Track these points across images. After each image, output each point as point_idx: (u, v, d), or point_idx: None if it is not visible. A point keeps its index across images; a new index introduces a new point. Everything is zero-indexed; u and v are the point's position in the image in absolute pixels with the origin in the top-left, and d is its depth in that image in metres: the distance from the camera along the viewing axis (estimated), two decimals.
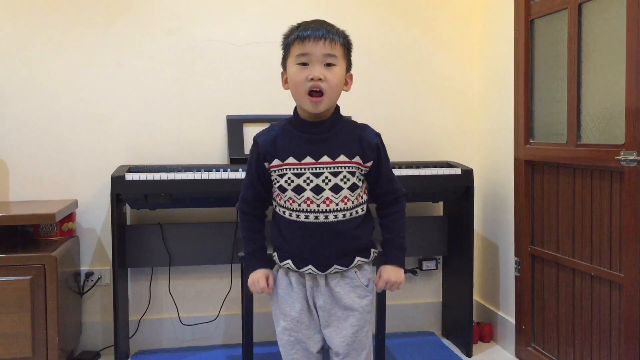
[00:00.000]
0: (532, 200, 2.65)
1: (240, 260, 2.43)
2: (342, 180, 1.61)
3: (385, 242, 1.72)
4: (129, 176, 2.50)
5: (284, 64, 1.66)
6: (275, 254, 1.72)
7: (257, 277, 1.70)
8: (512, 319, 2.81)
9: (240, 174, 2.56)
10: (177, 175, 2.53)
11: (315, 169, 1.60)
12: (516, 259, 2.73)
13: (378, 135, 1.69)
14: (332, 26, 1.63)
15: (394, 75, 3.08)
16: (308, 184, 1.60)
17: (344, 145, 1.62)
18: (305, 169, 1.60)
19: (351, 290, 1.67)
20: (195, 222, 2.89)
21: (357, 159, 1.62)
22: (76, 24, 2.80)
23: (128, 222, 2.85)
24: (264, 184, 1.68)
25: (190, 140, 2.91)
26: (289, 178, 1.61)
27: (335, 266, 1.64)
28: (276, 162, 1.62)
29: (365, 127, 1.69)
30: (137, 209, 2.78)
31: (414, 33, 3.09)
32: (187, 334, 2.95)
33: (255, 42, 2.95)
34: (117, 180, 2.50)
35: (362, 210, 1.68)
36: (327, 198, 1.60)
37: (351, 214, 1.64)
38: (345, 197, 1.62)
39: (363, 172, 1.65)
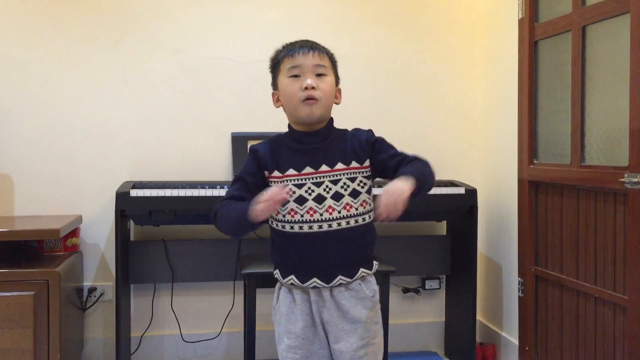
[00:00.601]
0: (536, 221, 2.64)
1: (242, 277, 2.43)
2: (342, 187, 1.61)
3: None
4: (134, 192, 2.51)
5: (274, 83, 1.69)
6: (277, 271, 1.70)
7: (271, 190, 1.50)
8: (515, 340, 2.79)
9: None
10: (182, 192, 2.54)
11: (316, 179, 1.61)
12: (520, 279, 2.72)
13: (369, 130, 1.69)
14: (317, 43, 1.67)
15: (399, 94, 3.10)
16: (310, 194, 1.60)
17: (340, 152, 1.63)
18: (306, 179, 1.61)
19: (357, 302, 1.65)
20: (199, 238, 2.89)
21: (353, 163, 1.63)
22: (84, 42, 2.83)
23: (132, 238, 2.86)
24: (253, 192, 1.59)
25: (195, 156, 2.92)
26: (290, 189, 1.60)
27: (340, 277, 1.62)
28: (276, 173, 1.63)
29: (356, 130, 1.70)
30: (141, 225, 2.78)
31: (419, 53, 3.11)
32: (188, 351, 2.94)
33: (260, 60, 2.92)
34: (122, 197, 2.50)
35: (366, 219, 1.66)
36: (330, 206, 1.60)
37: (356, 221, 1.63)
38: (348, 204, 1.61)
39: (366, 175, 1.65)
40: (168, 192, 2.53)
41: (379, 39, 3.07)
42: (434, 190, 2.72)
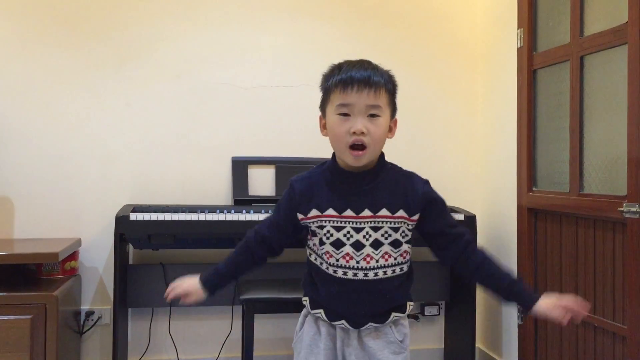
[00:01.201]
0: (535, 248, 2.64)
1: (241, 302, 2.42)
2: (382, 235, 1.49)
3: (504, 288, 1.54)
4: (133, 216, 2.51)
5: (322, 108, 1.52)
6: (306, 299, 1.62)
7: (185, 282, 1.60)
8: None
9: (244, 216, 2.57)
10: (181, 216, 2.54)
11: (357, 223, 1.48)
12: (519, 306, 2.71)
13: (426, 182, 1.56)
14: (377, 69, 1.50)
15: (399, 121, 3.10)
16: (348, 239, 1.48)
17: (387, 197, 1.49)
18: (345, 223, 1.48)
19: (385, 346, 1.56)
20: (198, 262, 2.89)
21: (400, 212, 1.49)
22: (87, 66, 2.86)
23: (130, 262, 2.85)
24: (286, 232, 1.57)
25: (195, 180, 2.93)
26: (328, 231, 1.49)
27: (370, 324, 1.55)
28: (314, 212, 1.50)
29: (411, 175, 1.57)
30: (140, 249, 2.78)
31: (419, 81, 3.13)
32: None
33: (261, 85, 3.00)
34: (122, 220, 2.50)
35: (404, 269, 1.57)
36: (368, 255, 1.48)
37: (393, 271, 1.52)
38: (386, 252, 1.50)
39: (410, 227, 1.52)
40: (168, 216, 2.53)
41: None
42: None
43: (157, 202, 2.85)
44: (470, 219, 2.77)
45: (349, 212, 1.48)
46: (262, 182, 2.95)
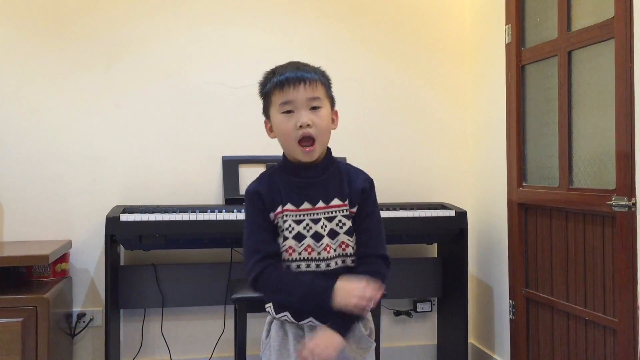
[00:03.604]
0: (525, 243, 2.66)
1: (233, 302, 2.41)
2: (337, 225, 1.53)
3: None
4: (124, 217, 2.50)
5: (266, 113, 1.58)
6: (269, 305, 1.62)
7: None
8: None
9: (235, 215, 2.56)
10: (172, 216, 2.53)
11: (313, 215, 1.53)
12: (511, 301, 2.72)
13: (369, 181, 1.60)
14: (308, 66, 1.56)
15: (389, 119, 3.12)
16: (308, 231, 1.53)
17: (336, 187, 1.55)
18: (304, 215, 1.53)
19: (353, 342, 1.57)
20: (189, 262, 2.88)
21: (347, 201, 1.54)
22: (75, 66, 2.84)
23: (122, 263, 2.84)
24: (275, 236, 1.56)
25: (186, 180, 2.92)
26: (289, 225, 1.53)
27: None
28: (279, 209, 1.54)
29: (357, 171, 1.61)
30: (131, 250, 2.77)
31: (409, 78, 3.14)
32: None
33: (251, 85, 2.94)
34: (112, 221, 2.49)
35: None
36: (327, 245, 1.52)
37: (352, 260, 1.55)
38: (343, 242, 1.54)
39: (352, 217, 1.55)
40: (158, 217, 2.52)
41: (369, 64, 3.10)
42: (425, 213, 2.74)
43: (147, 203, 2.84)
44: (461, 215, 2.78)
45: (306, 205, 1.53)
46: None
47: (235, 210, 2.59)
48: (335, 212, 1.53)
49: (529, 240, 2.64)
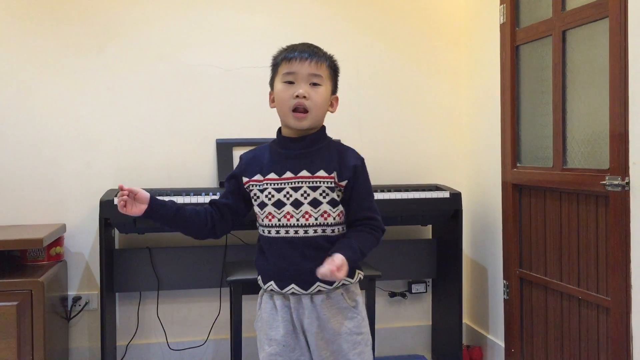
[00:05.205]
0: (519, 224, 2.67)
1: (228, 284, 2.42)
2: (321, 194, 1.61)
3: (338, 242, 1.62)
4: (118, 200, 2.48)
5: (271, 83, 1.70)
6: (259, 277, 1.71)
7: (137, 190, 1.64)
8: (501, 342, 2.81)
9: None
10: (166, 199, 2.52)
11: (294, 183, 1.61)
12: (505, 282, 2.74)
13: (360, 159, 1.68)
14: (319, 49, 1.67)
15: (383, 101, 3.11)
16: (288, 199, 1.61)
17: (324, 161, 1.63)
18: (285, 184, 1.62)
19: (338, 312, 1.64)
20: (184, 246, 2.88)
21: (334, 174, 1.62)
22: (67, 49, 2.81)
23: (117, 246, 2.84)
24: (237, 197, 1.70)
25: (180, 163, 2.91)
26: (269, 193, 1.63)
27: (318, 284, 1.61)
28: (258, 177, 1.65)
29: (348, 149, 1.70)
30: (126, 233, 2.77)
31: (403, 59, 3.12)
32: (175, 359, 2.92)
33: (244, 67, 2.97)
34: (106, 205, 2.49)
35: (343, 229, 1.67)
36: (307, 212, 1.61)
37: (332, 230, 1.64)
38: (325, 212, 1.62)
39: (341, 190, 1.64)
40: None
41: (363, 45, 3.08)
42: (419, 195, 2.74)
43: (141, 186, 2.79)
44: (456, 196, 2.78)
45: (288, 174, 1.63)
46: None
47: None
48: (320, 182, 1.62)
49: (523, 221, 2.65)
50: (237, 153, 2.89)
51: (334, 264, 1.48)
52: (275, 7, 2.99)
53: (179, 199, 2.53)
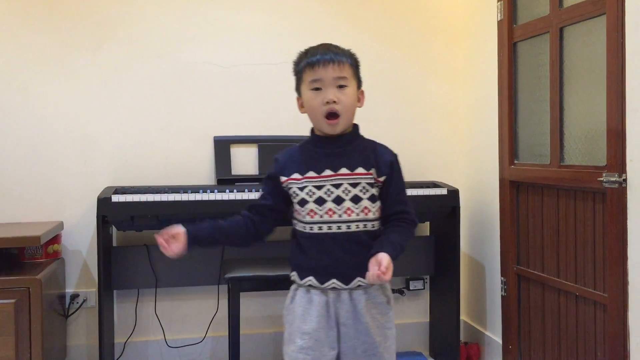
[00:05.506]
0: (517, 220, 2.67)
1: (226, 281, 2.42)
2: (361, 191, 1.65)
3: (378, 239, 1.66)
4: (116, 198, 2.49)
5: (298, 89, 1.72)
6: (294, 273, 1.71)
7: (170, 229, 1.64)
8: (499, 339, 2.81)
9: (227, 195, 2.56)
10: (164, 197, 2.53)
11: (335, 180, 1.64)
12: (502, 278, 2.74)
13: (394, 154, 1.74)
14: (338, 48, 1.70)
15: (382, 98, 3.11)
16: (329, 195, 1.64)
17: (361, 158, 1.68)
18: (325, 181, 1.65)
19: (373, 306, 1.68)
20: None
21: (372, 171, 1.67)
22: (64, 47, 2.81)
23: (114, 244, 2.84)
24: (277, 197, 1.71)
25: (178, 161, 2.91)
26: (310, 190, 1.65)
27: (358, 279, 1.64)
28: (296, 175, 1.67)
29: (382, 145, 1.76)
30: (124, 231, 2.77)
31: (400, 56, 3.12)
32: (173, 356, 2.93)
33: (242, 64, 2.97)
34: (104, 202, 2.49)
35: (380, 226, 1.71)
36: (348, 208, 1.64)
37: (373, 225, 1.67)
38: (366, 207, 1.65)
39: (378, 186, 1.68)
40: (150, 197, 2.51)
41: (361, 42, 3.06)
42: (417, 192, 2.75)
43: (139, 184, 2.83)
44: (454, 193, 2.78)
45: (327, 172, 1.65)
46: (245, 161, 2.94)
47: (227, 191, 2.58)
48: (360, 179, 1.65)
49: (520, 218, 2.65)
50: (235, 150, 2.90)
51: (382, 267, 1.52)
52: (272, 4, 2.99)
53: (177, 197, 2.52)
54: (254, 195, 2.55)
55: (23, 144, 2.78)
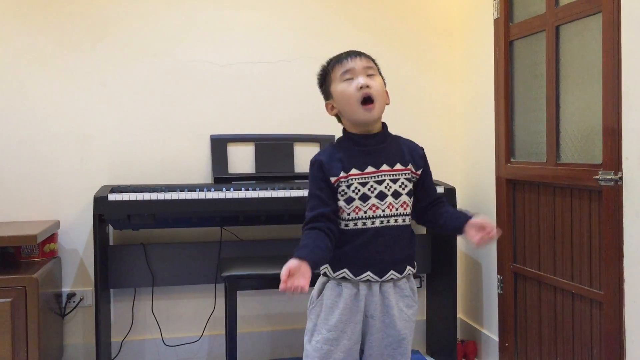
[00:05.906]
0: (513, 219, 2.68)
1: (223, 280, 2.42)
2: (400, 186, 1.72)
3: (449, 214, 1.77)
4: (112, 196, 2.48)
5: (326, 94, 1.78)
6: (326, 266, 1.73)
7: (293, 268, 1.50)
8: (495, 337, 2.82)
9: (224, 194, 2.56)
10: (161, 196, 2.52)
11: (378, 177, 1.70)
12: (499, 276, 2.75)
13: (422, 147, 1.84)
14: (361, 51, 1.79)
15: None
16: (372, 192, 1.69)
17: (398, 154, 1.75)
18: (368, 178, 1.70)
19: (400, 299, 1.73)
20: (179, 242, 2.88)
21: (410, 166, 1.75)
22: (60, 45, 2.80)
23: (111, 243, 2.84)
24: (334, 199, 1.71)
25: (174, 160, 2.91)
26: (355, 187, 1.69)
27: (391, 272, 1.69)
28: (342, 174, 1.70)
29: (412, 141, 1.85)
30: (120, 230, 2.76)
31: (397, 54, 3.12)
32: (170, 355, 2.93)
33: (238, 62, 2.97)
34: (100, 201, 2.48)
35: (412, 219, 1.78)
36: (390, 203, 1.70)
37: (409, 219, 1.75)
38: (405, 202, 1.72)
39: (414, 180, 1.76)
40: (147, 196, 2.51)
41: (357, 41, 3.07)
42: None
43: (136, 182, 2.83)
44: (450, 191, 2.79)
45: (370, 169, 1.71)
46: (242, 159, 2.93)
47: (224, 189, 2.58)
48: (399, 175, 1.73)
49: (516, 216, 2.66)
50: (232, 149, 2.90)
51: (489, 226, 1.63)
52: (269, 3, 2.98)
53: (173, 195, 2.52)
54: (251, 194, 2.55)
55: (19, 142, 2.77)
